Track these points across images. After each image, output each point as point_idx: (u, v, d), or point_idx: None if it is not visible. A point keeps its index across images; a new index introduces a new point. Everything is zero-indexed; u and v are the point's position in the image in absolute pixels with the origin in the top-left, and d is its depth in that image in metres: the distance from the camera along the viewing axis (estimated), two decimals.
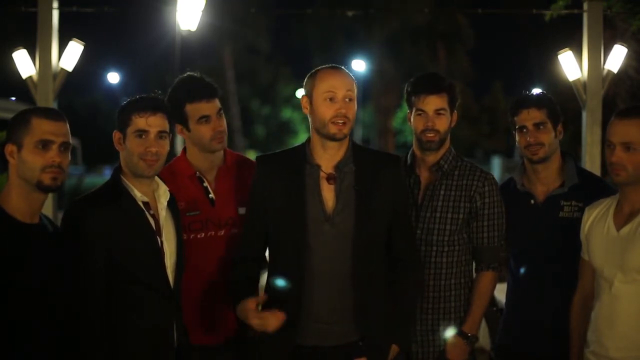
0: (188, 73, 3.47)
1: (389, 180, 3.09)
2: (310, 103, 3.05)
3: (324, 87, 3.01)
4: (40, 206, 2.71)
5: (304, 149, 3.11)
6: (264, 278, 3.19)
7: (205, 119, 3.33)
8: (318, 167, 3.06)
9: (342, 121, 2.98)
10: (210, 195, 3.37)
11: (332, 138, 3.02)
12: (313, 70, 3.11)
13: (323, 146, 3.06)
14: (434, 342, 3.36)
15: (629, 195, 3.02)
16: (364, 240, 3.01)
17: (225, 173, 3.43)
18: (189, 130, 3.36)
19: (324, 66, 3.11)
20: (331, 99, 3.00)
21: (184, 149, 3.48)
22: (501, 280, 3.64)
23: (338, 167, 3.06)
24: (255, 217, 3.13)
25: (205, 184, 3.38)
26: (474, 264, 3.47)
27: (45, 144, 2.65)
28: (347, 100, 3.01)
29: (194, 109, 3.33)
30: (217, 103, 3.38)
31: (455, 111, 3.48)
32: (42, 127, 2.65)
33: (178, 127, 3.38)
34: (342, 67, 3.11)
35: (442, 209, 3.38)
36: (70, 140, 2.73)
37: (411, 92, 3.46)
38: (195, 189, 3.37)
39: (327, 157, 3.06)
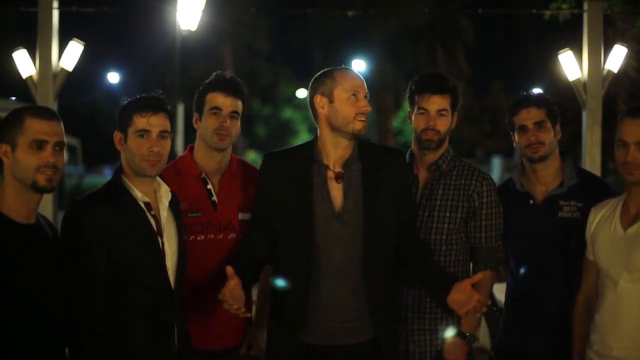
0: (227, 72, 3.50)
1: (393, 176, 3.12)
2: (331, 102, 3.07)
3: (348, 85, 3.06)
4: (35, 206, 2.69)
5: (312, 148, 3.12)
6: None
7: (216, 110, 3.33)
8: (326, 167, 3.07)
9: (364, 118, 3.06)
10: (213, 198, 3.36)
11: (356, 135, 3.07)
12: (325, 71, 3.14)
13: (335, 145, 3.08)
14: (431, 342, 3.36)
15: (636, 195, 3.02)
16: (374, 237, 3.03)
17: (229, 177, 3.42)
18: (201, 120, 3.39)
19: (336, 67, 3.15)
20: (355, 96, 3.05)
21: (190, 147, 3.48)
22: (501, 280, 3.63)
23: (346, 164, 3.08)
24: (260, 215, 3.13)
25: (209, 186, 3.37)
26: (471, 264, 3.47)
27: (39, 144, 2.61)
28: (366, 99, 3.08)
29: (211, 98, 3.35)
30: (236, 103, 3.36)
31: (456, 113, 3.49)
32: (35, 127, 2.62)
33: (195, 116, 3.41)
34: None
35: (440, 209, 3.38)
36: (65, 140, 2.71)
37: (415, 90, 3.46)
38: (198, 190, 3.35)
39: (337, 155, 3.09)
